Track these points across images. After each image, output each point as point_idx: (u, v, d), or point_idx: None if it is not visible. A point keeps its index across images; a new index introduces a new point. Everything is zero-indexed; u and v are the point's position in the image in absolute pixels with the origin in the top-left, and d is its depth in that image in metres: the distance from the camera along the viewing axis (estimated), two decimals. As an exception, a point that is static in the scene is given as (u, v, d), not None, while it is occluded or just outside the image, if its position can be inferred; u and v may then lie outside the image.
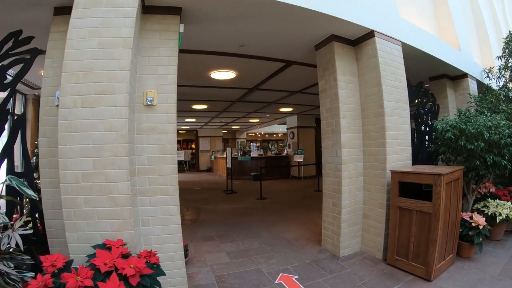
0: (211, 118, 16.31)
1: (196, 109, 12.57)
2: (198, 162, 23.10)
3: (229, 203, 9.64)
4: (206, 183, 15.40)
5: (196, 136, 23.28)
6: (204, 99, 10.40)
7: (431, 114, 6.06)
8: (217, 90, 8.88)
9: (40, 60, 3.42)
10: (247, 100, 10.58)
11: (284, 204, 9.26)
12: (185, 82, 7.91)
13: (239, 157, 16.58)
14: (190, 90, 8.90)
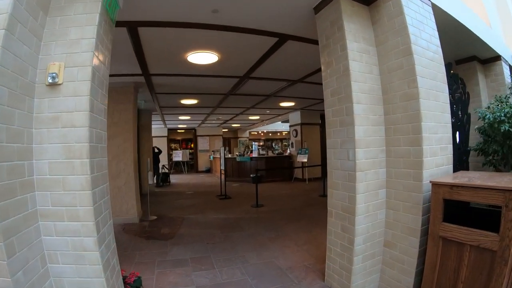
0: (206, 115, 14.92)
1: (186, 105, 11.17)
2: (197, 163, 21.77)
3: (219, 212, 8.26)
4: (201, 186, 14.05)
5: (195, 135, 21.94)
6: (190, 91, 9.02)
7: (462, 104, 4.57)
8: (203, 80, 7.55)
9: None
10: (240, 93, 9.20)
11: (283, 213, 7.86)
12: (161, 70, 6.70)
13: (238, 158, 15.17)
14: (171, 81, 7.59)
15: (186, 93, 9.21)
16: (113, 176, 7.56)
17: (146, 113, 12.54)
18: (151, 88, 8.37)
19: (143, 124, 12.44)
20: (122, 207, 7.63)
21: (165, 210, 8.90)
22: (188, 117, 15.50)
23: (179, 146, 24.64)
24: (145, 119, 12.56)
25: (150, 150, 12.72)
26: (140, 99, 9.94)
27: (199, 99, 10.31)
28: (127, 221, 7.52)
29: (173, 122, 18.05)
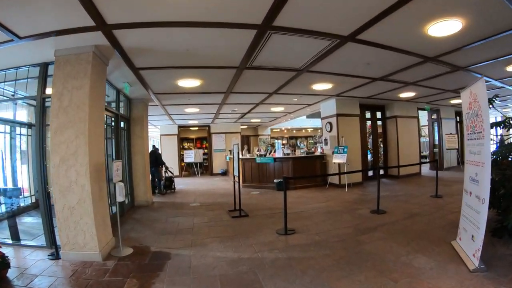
0: (218, 106, 12.06)
1: (187, 89, 8.38)
2: (212, 164, 19.02)
3: (227, 244, 5.39)
4: (211, 194, 11.24)
5: (209, 132, 19.18)
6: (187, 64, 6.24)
7: None
8: (201, 37, 4.82)
9: None
10: (259, 65, 6.36)
11: (327, 249, 4.93)
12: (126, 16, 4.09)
13: (258, 159, 12.25)
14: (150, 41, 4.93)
15: (182, 67, 6.41)
16: (62, 190, 4.93)
17: (139, 103, 9.89)
18: (126, 59, 5.63)
19: (135, 118, 9.90)
20: (78, 237, 4.96)
21: (150, 236, 6.17)
22: (197, 109, 12.65)
23: (192, 145, 21.95)
24: (138, 110, 9.92)
25: (144, 149, 9.95)
26: (122, 80, 7.23)
27: (203, 78, 7.48)
28: (87, 259, 4.88)
29: (181, 117, 15.23)
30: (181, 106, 11.84)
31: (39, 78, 5.68)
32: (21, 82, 6.05)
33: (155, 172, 11.80)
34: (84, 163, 4.91)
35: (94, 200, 4.96)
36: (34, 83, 5.76)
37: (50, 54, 5.12)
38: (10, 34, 4.40)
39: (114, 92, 8.11)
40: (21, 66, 5.90)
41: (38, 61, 5.65)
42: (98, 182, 5.23)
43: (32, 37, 4.58)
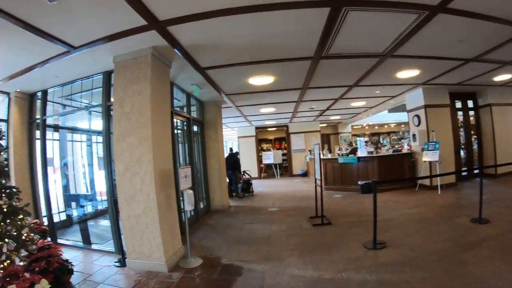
0: (295, 104, 11.40)
1: (260, 87, 7.89)
2: (291, 165, 18.40)
3: (307, 260, 4.69)
4: (291, 198, 10.57)
5: (287, 132, 18.60)
6: (256, 58, 5.71)
7: None
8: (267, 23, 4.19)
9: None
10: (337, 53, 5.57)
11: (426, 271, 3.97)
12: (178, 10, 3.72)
13: (340, 159, 11.31)
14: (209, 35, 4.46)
15: (250, 62, 5.86)
16: (127, 199, 4.74)
17: (212, 106, 9.72)
18: (189, 58, 5.30)
19: (209, 121, 9.73)
20: (143, 247, 4.74)
21: (223, 245, 5.76)
22: (272, 108, 12.13)
23: (271, 146, 21.59)
24: (211, 113, 9.75)
25: (219, 152, 9.69)
26: (190, 83, 7.01)
27: (276, 74, 6.88)
28: (152, 268, 4.66)
29: (257, 118, 14.87)
30: (256, 107, 11.43)
31: (103, 86, 5.71)
32: (95, 92, 6.13)
33: (232, 175, 11.58)
34: (148, 170, 4.67)
35: (160, 209, 4.70)
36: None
37: (110, 61, 5.03)
38: (65, 45, 4.41)
39: (184, 96, 7.97)
40: (85, 77, 6.03)
41: (100, 70, 5.67)
42: (165, 189, 4.97)
43: (86, 46, 4.51)
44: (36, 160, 7.08)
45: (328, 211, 7.25)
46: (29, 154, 7.09)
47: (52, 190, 7.05)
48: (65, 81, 6.27)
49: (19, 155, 6.81)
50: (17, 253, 3.82)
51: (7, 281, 3.49)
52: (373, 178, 9.57)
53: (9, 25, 3.77)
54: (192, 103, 8.72)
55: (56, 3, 3.26)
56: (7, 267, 3.65)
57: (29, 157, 7.07)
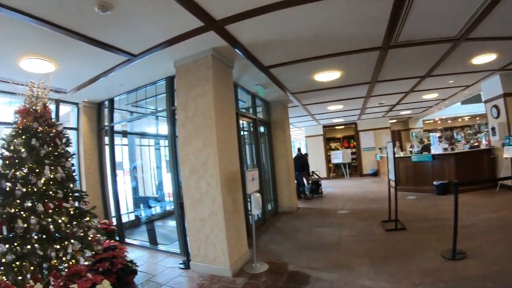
0: (363, 100, 10.77)
1: (327, 83, 7.53)
2: (361, 164, 17.58)
3: (379, 272, 4.26)
4: (362, 199, 10.02)
5: (356, 130, 17.82)
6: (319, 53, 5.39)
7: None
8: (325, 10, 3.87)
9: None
10: (405, 40, 5.06)
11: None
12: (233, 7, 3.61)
13: (414, 157, 10.47)
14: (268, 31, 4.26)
15: (314, 57, 5.56)
16: (193, 202, 4.73)
17: (278, 105, 9.56)
18: (251, 58, 5.16)
19: (276, 121, 9.58)
20: (208, 250, 4.71)
21: (290, 250, 5.54)
22: (340, 106, 11.63)
23: (339, 145, 20.87)
24: (277, 113, 9.60)
25: (287, 153, 9.49)
26: (255, 83, 6.92)
27: (342, 68, 6.49)
28: (216, 273, 4.61)
29: (325, 116, 14.39)
30: (323, 104, 11.02)
31: (166, 91, 5.85)
32: (160, 98, 6.33)
33: (300, 176, 11.30)
34: (214, 173, 4.62)
35: (226, 213, 4.63)
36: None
37: (171, 66, 5.11)
38: (125, 54, 4.58)
39: (249, 97, 7.91)
40: (149, 84, 6.27)
41: (162, 76, 5.82)
42: (232, 193, 4.91)
43: (146, 53, 4.63)
44: (106, 165, 7.53)
45: (402, 214, 6.66)
46: (99, 159, 7.63)
47: (121, 192, 7.46)
48: (130, 89, 6.59)
49: (89, 160, 7.34)
50: (82, 253, 4.00)
51: (69, 280, 3.64)
52: (449, 177, 8.80)
53: (70, 40, 4.01)
54: (258, 104, 8.65)
55: (109, 13, 3.35)
56: (72, 267, 3.84)
57: (99, 162, 7.60)
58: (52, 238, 3.86)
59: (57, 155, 4.24)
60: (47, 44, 4.22)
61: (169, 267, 5.09)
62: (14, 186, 3.86)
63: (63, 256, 3.84)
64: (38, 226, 3.76)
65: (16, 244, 3.68)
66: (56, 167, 4.14)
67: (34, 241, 3.74)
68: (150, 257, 5.80)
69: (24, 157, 3.96)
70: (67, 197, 4.14)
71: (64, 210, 4.03)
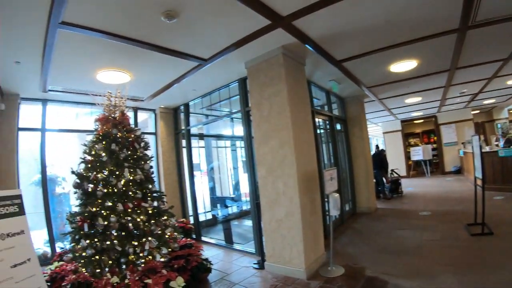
0: (443, 90, 9.78)
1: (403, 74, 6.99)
2: (443, 161, 16.25)
3: (463, 282, 3.83)
4: (445, 200, 9.22)
5: (436, 123, 16.48)
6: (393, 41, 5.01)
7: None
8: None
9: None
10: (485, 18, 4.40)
11: None
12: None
13: (500, 152, 9.36)
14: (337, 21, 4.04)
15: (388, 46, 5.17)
16: (269, 202, 4.72)
17: (353, 101, 9.22)
18: (323, 52, 4.99)
19: (352, 117, 9.26)
20: (283, 251, 4.66)
21: (368, 253, 5.28)
22: (418, 98, 10.79)
23: (419, 140, 19.57)
24: (353, 110, 9.26)
25: (365, 151, 9.08)
26: (328, 79, 6.79)
27: (418, 57, 5.96)
28: (290, 274, 4.61)
29: (402, 110, 13.48)
30: (399, 98, 10.33)
31: (239, 93, 5.96)
32: (234, 99, 6.50)
33: (378, 175, 10.77)
34: (291, 173, 4.56)
35: (303, 214, 4.54)
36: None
37: (242, 68, 5.19)
38: (196, 60, 4.76)
39: (323, 94, 7.74)
40: (222, 87, 6.45)
41: (235, 78, 5.94)
42: (309, 193, 4.81)
43: (216, 57, 4.74)
44: (183, 166, 7.91)
45: (489, 217, 5.93)
46: (177, 161, 8.11)
47: (199, 192, 7.78)
48: (203, 93, 6.84)
49: (168, 162, 7.81)
50: (158, 250, 4.26)
51: (145, 275, 3.87)
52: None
53: (142, 51, 4.31)
54: (333, 101, 8.42)
55: (175, 21, 3.49)
56: (148, 263, 4.08)
57: (177, 164, 8.08)
58: (131, 235, 4.17)
59: (136, 158, 4.58)
60: (121, 57, 4.56)
61: (243, 267, 5.15)
62: (95, 187, 4.23)
63: (140, 252, 4.13)
64: (118, 224, 4.08)
65: (96, 240, 4.03)
66: (135, 169, 4.46)
67: (113, 237, 4.07)
68: (225, 255, 5.92)
69: (105, 160, 4.33)
70: (145, 197, 4.45)
71: (142, 209, 4.32)
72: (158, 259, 4.26)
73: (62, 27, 3.58)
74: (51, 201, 6.71)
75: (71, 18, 3.46)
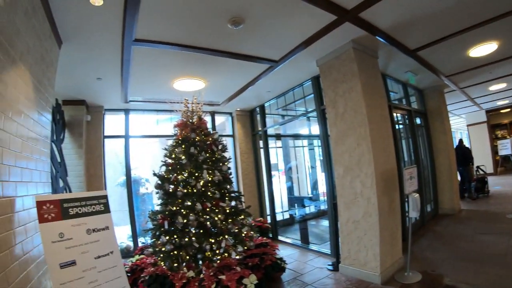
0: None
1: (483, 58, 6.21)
2: (535, 156, 14.37)
3: None
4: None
5: (525, 112, 14.64)
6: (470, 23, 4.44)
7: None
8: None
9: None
10: None
11: None
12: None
13: None
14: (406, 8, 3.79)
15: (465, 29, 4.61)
16: (346, 202, 4.63)
17: (432, 92, 8.54)
18: (395, 42, 4.73)
19: (432, 110, 8.59)
20: (359, 254, 4.51)
21: (448, 259, 4.83)
22: (503, 84, 9.61)
23: (507, 132, 17.56)
24: (433, 101, 8.57)
25: (448, 146, 8.35)
26: (403, 70, 6.42)
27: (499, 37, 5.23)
28: (364, 278, 4.42)
29: (486, 99, 12.13)
30: (482, 85, 9.29)
31: (313, 91, 5.92)
32: (309, 98, 6.47)
33: (463, 172, 9.90)
34: (369, 172, 4.39)
35: (381, 215, 4.33)
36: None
37: (313, 66, 5.16)
38: (267, 62, 4.85)
39: (400, 87, 7.33)
40: (296, 86, 6.46)
41: (307, 77, 5.93)
42: (388, 193, 4.57)
43: (286, 57, 4.77)
44: (261, 166, 8.12)
45: None
46: (255, 161, 8.35)
47: (277, 192, 7.90)
48: (278, 93, 6.95)
49: (246, 163, 8.05)
50: (234, 248, 4.39)
51: (219, 271, 4.02)
52: None
53: (214, 58, 4.52)
54: (411, 93, 7.96)
55: (242, 26, 3.62)
56: (223, 259, 4.25)
57: (254, 164, 8.33)
58: (208, 233, 4.37)
59: (214, 160, 4.81)
60: (194, 65, 4.84)
61: (317, 267, 5.08)
62: (176, 188, 4.53)
63: (216, 250, 4.30)
64: (196, 222, 4.29)
65: (175, 236, 4.32)
66: (213, 171, 4.68)
67: (192, 234, 4.32)
68: (300, 255, 5.89)
69: (184, 163, 4.60)
70: (223, 197, 4.64)
71: (220, 209, 4.50)
72: (233, 256, 4.38)
73: (135, 44, 3.94)
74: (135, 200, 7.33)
75: (143, 35, 3.77)
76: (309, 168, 9.68)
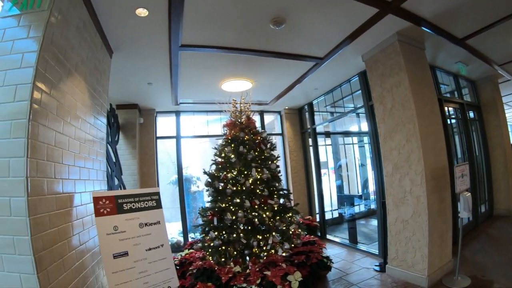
0: None
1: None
2: None
3: None
4: None
5: None
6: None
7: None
8: None
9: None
10: None
11: None
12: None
13: None
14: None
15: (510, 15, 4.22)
16: (395, 201, 4.50)
17: (485, 83, 7.83)
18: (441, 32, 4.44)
19: (486, 103, 7.87)
20: (407, 255, 4.35)
21: (499, 264, 4.47)
22: None
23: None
24: (487, 93, 7.87)
25: (504, 141, 7.65)
26: (453, 61, 6.03)
27: None
28: (411, 280, 4.22)
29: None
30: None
31: (361, 87, 5.78)
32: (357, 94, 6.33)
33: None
34: (418, 170, 4.20)
35: (431, 215, 4.13)
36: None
37: (359, 61, 5.08)
38: (312, 59, 4.86)
39: (450, 79, 6.88)
40: (344, 82, 6.38)
41: (354, 73, 5.82)
42: (438, 191, 4.34)
43: (331, 54, 4.72)
44: (311, 164, 8.11)
45: None
46: (304, 159, 8.35)
47: (326, 190, 7.85)
48: (325, 90, 6.90)
49: (295, 161, 8.09)
50: (281, 245, 4.45)
51: (265, 267, 4.08)
52: None
53: (259, 58, 4.66)
54: (462, 85, 7.41)
55: (284, 26, 3.66)
56: (270, 256, 4.31)
57: (304, 162, 8.33)
58: (256, 230, 4.45)
59: (263, 159, 4.91)
60: (240, 66, 4.97)
61: (364, 268, 4.97)
62: (225, 186, 4.66)
63: (263, 246, 4.39)
64: (245, 219, 4.40)
65: (224, 232, 4.45)
66: (262, 169, 4.79)
67: (240, 231, 4.44)
68: (348, 255, 5.79)
69: (234, 161, 4.73)
70: (272, 194, 4.74)
71: (268, 206, 4.58)
72: (279, 253, 4.43)
73: (182, 49, 4.15)
74: (187, 197, 7.65)
75: (189, 41, 3.96)
76: (359, 166, 9.42)
